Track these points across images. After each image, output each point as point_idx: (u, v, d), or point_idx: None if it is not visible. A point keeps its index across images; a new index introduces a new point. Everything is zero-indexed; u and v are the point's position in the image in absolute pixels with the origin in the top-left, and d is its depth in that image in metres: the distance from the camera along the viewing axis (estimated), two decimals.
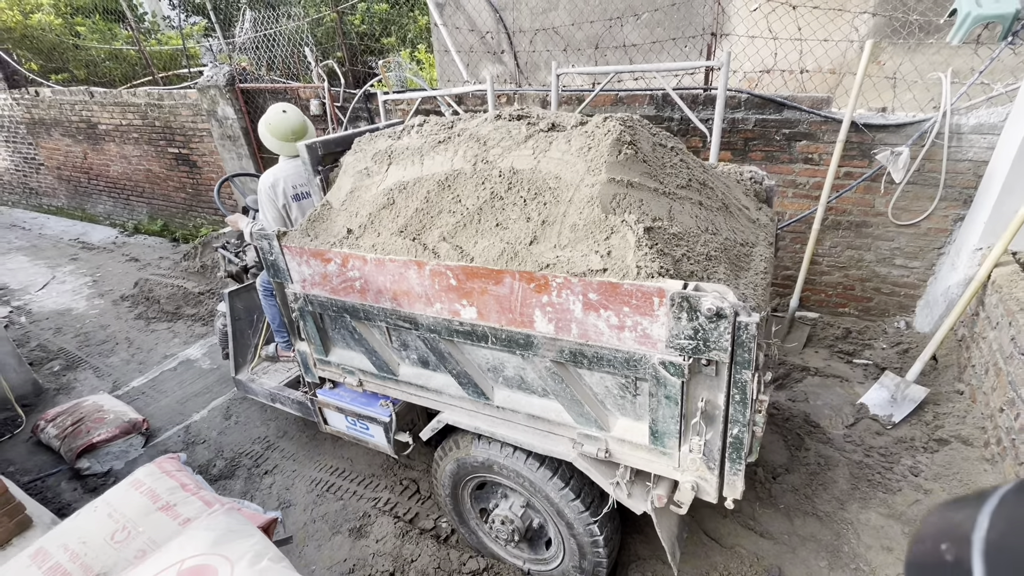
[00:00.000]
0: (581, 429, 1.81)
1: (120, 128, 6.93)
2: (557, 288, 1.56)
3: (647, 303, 1.44)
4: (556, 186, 1.77)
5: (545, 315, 1.64)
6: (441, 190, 1.96)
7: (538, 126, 1.98)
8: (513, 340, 1.74)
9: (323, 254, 2.05)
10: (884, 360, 3.53)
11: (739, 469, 1.59)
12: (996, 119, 3.12)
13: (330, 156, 2.53)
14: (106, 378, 4.40)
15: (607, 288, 1.47)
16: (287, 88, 5.29)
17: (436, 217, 1.93)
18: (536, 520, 2.25)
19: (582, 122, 1.97)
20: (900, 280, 3.80)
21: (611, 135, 1.78)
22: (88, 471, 3.35)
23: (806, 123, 3.54)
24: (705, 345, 1.41)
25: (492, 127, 2.05)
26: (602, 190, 1.67)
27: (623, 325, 1.51)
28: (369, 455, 3.26)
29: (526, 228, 1.73)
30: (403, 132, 2.32)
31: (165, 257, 6.78)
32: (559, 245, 1.66)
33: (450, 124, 2.24)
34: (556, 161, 1.83)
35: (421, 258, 1.80)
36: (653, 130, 2.10)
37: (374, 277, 1.95)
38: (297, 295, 2.26)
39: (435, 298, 1.84)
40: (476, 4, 6.00)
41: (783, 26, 3.83)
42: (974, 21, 2.95)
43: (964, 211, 3.40)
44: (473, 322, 1.80)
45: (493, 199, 1.84)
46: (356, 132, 2.65)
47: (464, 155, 2.00)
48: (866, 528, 2.41)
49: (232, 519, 1.33)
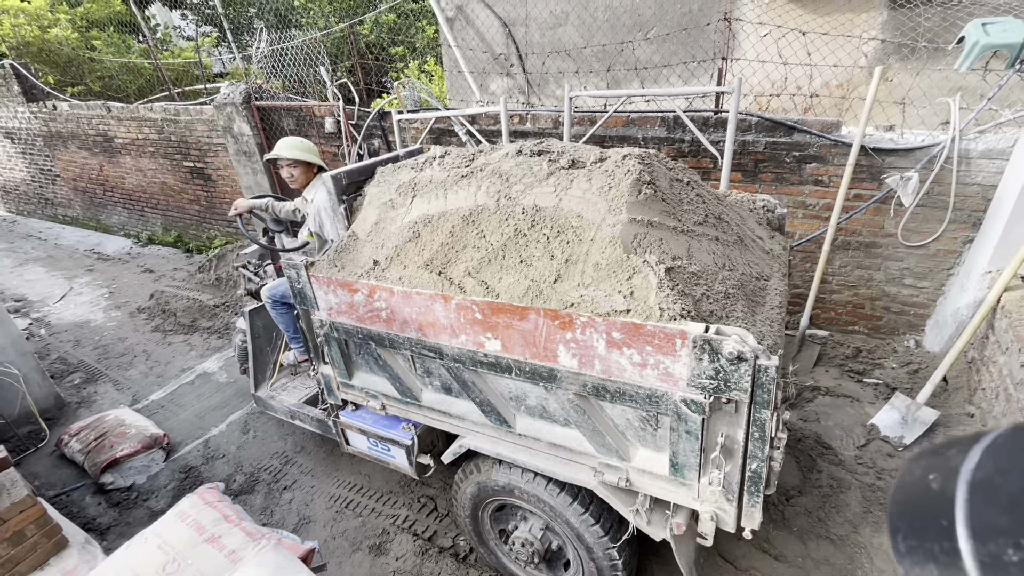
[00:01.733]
0: (602, 458, 1.87)
1: (136, 142, 7.06)
2: (581, 326, 1.62)
3: (670, 344, 1.50)
4: (578, 224, 1.83)
5: (569, 351, 1.70)
6: (465, 225, 2.03)
7: (559, 163, 2.04)
8: (537, 373, 1.80)
9: (350, 284, 2.12)
10: (894, 380, 3.57)
11: (757, 501, 1.64)
12: (1005, 144, 3.17)
13: (353, 185, 2.61)
14: (125, 391, 4.49)
15: (630, 328, 1.54)
16: (302, 106, 5.39)
17: (461, 252, 2.00)
18: (555, 542, 2.30)
19: (601, 158, 2.04)
20: (909, 299, 3.84)
21: (631, 175, 1.85)
22: (112, 486, 3.43)
23: (816, 146, 3.60)
24: (726, 385, 1.47)
25: (514, 163, 2.12)
26: (623, 230, 1.73)
27: (646, 363, 1.57)
28: (386, 472, 3.32)
29: (550, 266, 1.80)
30: (425, 164, 2.40)
31: (179, 268, 6.89)
32: (582, 284, 1.72)
33: (471, 157, 2.31)
34: (578, 199, 1.89)
35: (448, 292, 1.87)
36: (670, 164, 2.17)
37: (400, 308, 2.02)
38: (323, 322, 2.33)
39: (460, 330, 1.90)
40: (485, 19, 6.10)
41: (793, 51, 3.90)
42: (982, 49, 3.00)
43: (973, 233, 3.45)
44: (497, 354, 1.86)
45: (517, 236, 1.91)
46: (378, 161, 2.73)
47: (487, 190, 2.06)
48: (879, 552, 2.45)
49: (280, 556, 1.39)
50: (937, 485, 0.37)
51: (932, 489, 0.37)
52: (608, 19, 5.44)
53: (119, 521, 3.22)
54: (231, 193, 6.65)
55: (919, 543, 0.37)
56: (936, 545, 0.35)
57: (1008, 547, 0.31)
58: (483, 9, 6.09)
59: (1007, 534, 0.31)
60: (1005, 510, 0.32)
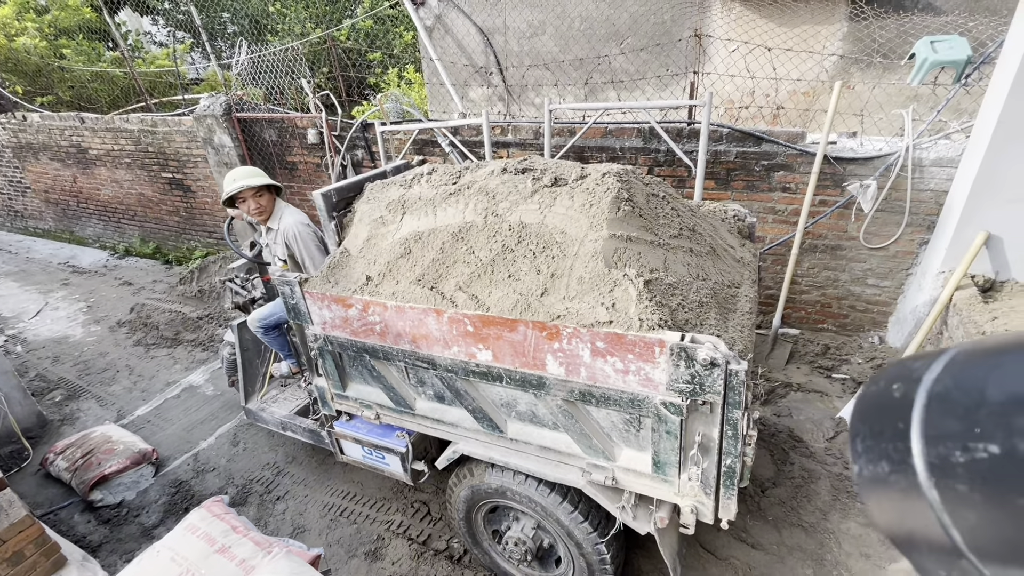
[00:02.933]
0: (589, 459, 1.99)
1: (112, 153, 6.96)
2: (568, 336, 1.74)
3: (649, 352, 1.63)
4: (562, 240, 1.96)
5: (556, 359, 1.81)
6: (455, 241, 2.13)
7: (542, 181, 2.16)
8: (526, 381, 1.91)
9: (344, 300, 2.20)
10: (860, 375, 3.79)
11: (732, 494, 1.78)
12: (954, 153, 3.41)
13: (343, 201, 2.69)
14: (110, 407, 4.45)
15: (613, 338, 1.66)
16: (284, 118, 5.41)
17: (452, 267, 2.10)
18: (546, 540, 2.42)
19: (582, 175, 2.16)
20: (873, 298, 4.08)
21: (610, 192, 1.98)
22: (101, 503, 3.42)
23: (783, 155, 3.80)
24: (701, 388, 1.61)
25: (499, 180, 2.23)
26: (604, 245, 1.86)
27: (628, 370, 1.70)
28: (379, 479, 3.39)
29: (537, 280, 1.91)
30: (413, 181, 2.49)
31: (159, 281, 6.81)
32: (567, 297, 1.84)
33: (458, 174, 2.41)
34: (561, 216, 2.01)
35: (440, 306, 1.96)
36: (646, 180, 2.31)
37: (394, 322, 2.10)
38: (318, 336, 2.40)
39: (453, 342, 2.00)
40: (464, 28, 6.21)
41: (759, 66, 4.10)
42: (931, 66, 3.23)
43: (928, 236, 3.69)
44: (489, 364, 1.96)
45: (505, 251, 2.02)
46: (367, 177, 2.81)
47: (475, 208, 2.17)
48: (846, 537, 2.64)
49: (293, 563, 1.48)
50: (899, 394, 0.38)
51: (894, 397, 0.39)
52: (584, 29, 5.60)
53: (110, 538, 3.22)
54: (211, 204, 6.61)
55: (875, 443, 0.39)
56: (891, 445, 0.37)
57: (956, 449, 0.33)
58: (461, 18, 6.19)
59: (957, 438, 0.33)
60: (958, 418, 0.33)
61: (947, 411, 0.34)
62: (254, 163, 5.80)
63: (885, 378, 0.42)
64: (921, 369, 0.38)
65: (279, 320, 3.25)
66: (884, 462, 0.38)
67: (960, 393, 0.34)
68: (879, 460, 0.39)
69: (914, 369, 0.39)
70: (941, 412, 0.35)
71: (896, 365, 0.42)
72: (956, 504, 0.33)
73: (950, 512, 0.33)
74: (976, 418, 0.32)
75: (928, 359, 0.38)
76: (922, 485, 0.35)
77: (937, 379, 0.36)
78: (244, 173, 3.01)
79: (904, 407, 0.37)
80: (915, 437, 0.35)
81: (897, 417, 0.38)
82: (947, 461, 0.33)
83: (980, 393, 0.33)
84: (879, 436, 0.39)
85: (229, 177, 3.00)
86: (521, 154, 4.56)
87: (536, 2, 5.72)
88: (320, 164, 5.54)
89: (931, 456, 0.34)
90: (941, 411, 0.35)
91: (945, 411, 0.34)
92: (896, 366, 0.42)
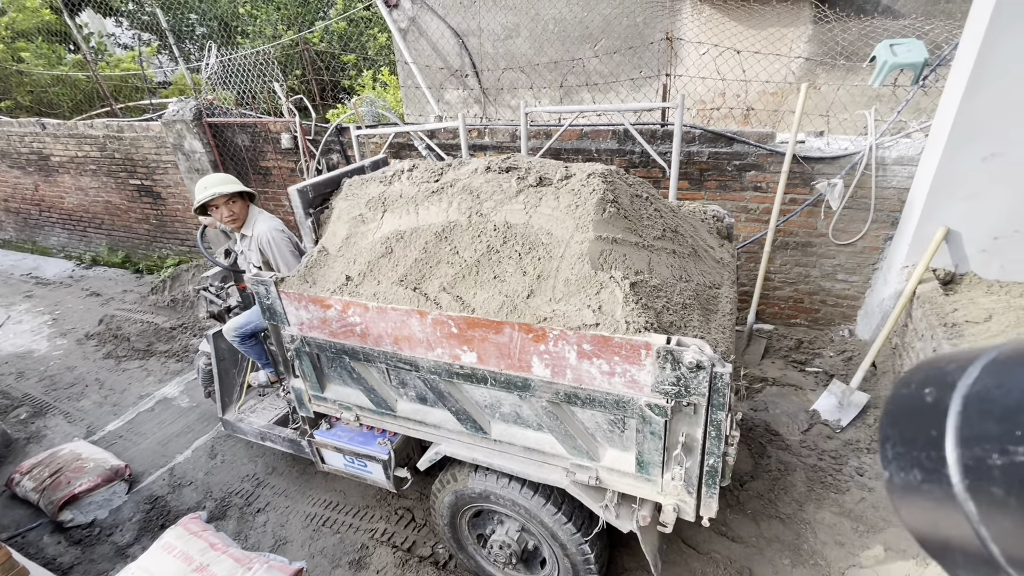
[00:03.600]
0: (574, 459, 2.00)
1: (76, 160, 6.73)
2: (554, 339, 1.74)
3: (635, 354, 1.65)
4: (548, 242, 1.95)
5: (542, 361, 1.81)
6: (439, 241, 2.11)
7: (527, 180, 2.13)
8: (511, 383, 1.91)
9: (323, 301, 2.14)
10: (832, 368, 3.91)
11: (714, 493, 1.81)
12: (914, 152, 3.54)
13: (319, 198, 2.61)
14: (79, 423, 4.31)
15: (600, 340, 1.67)
16: (257, 122, 5.32)
17: (435, 268, 2.08)
18: (531, 543, 2.43)
19: (567, 175, 2.15)
20: (842, 293, 4.21)
21: (596, 194, 1.97)
22: (71, 523, 3.31)
23: (754, 155, 3.89)
24: (686, 390, 1.63)
25: (483, 179, 2.20)
26: (590, 247, 1.86)
27: (614, 372, 1.71)
28: (362, 487, 3.35)
29: (523, 282, 1.91)
30: (394, 178, 2.43)
31: (130, 290, 6.61)
32: (554, 299, 1.85)
33: (440, 171, 2.37)
34: (547, 217, 2.01)
35: (423, 308, 1.93)
36: (630, 181, 2.31)
37: (375, 323, 2.06)
38: (294, 337, 2.34)
39: (436, 344, 1.98)
40: (438, 29, 6.19)
41: (729, 68, 4.19)
42: (890, 68, 3.35)
43: (892, 232, 3.82)
44: (473, 366, 1.95)
45: (490, 252, 2.00)
46: (344, 172, 2.72)
47: (459, 207, 2.14)
48: (821, 526, 2.71)
49: None
50: (932, 398, 0.36)
51: (927, 402, 0.37)
52: (558, 32, 5.65)
53: (82, 559, 3.12)
54: (183, 211, 6.45)
55: (907, 450, 0.38)
56: (923, 453, 0.36)
57: (994, 452, 0.31)
58: (435, 20, 6.18)
59: (995, 440, 0.31)
60: (997, 420, 0.32)
61: (985, 413, 0.33)
62: (226, 169, 5.68)
63: (916, 381, 0.40)
64: (956, 373, 0.36)
65: (256, 328, 3.19)
66: (916, 470, 0.36)
67: (1001, 394, 0.32)
68: (911, 468, 0.37)
69: (948, 373, 0.37)
70: (979, 414, 0.33)
71: (927, 367, 0.40)
72: (992, 510, 0.31)
73: (987, 522, 0.32)
74: (1018, 420, 0.31)
75: (962, 361, 0.36)
76: (958, 496, 0.33)
77: (975, 381, 0.34)
78: (216, 180, 2.94)
79: (938, 413, 0.35)
80: (950, 445, 0.34)
81: (930, 424, 0.36)
82: (983, 464, 0.32)
83: (1022, 395, 0.31)
84: (911, 443, 0.38)
85: (200, 184, 2.93)
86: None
87: (510, 5, 5.74)
88: (295, 169, 5.45)
89: (966, 458, 0.33)
90: (979, 412, 0.33)
91: (983, 413, 0.33)
92: (927, 368, 0.40)
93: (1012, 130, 2.96)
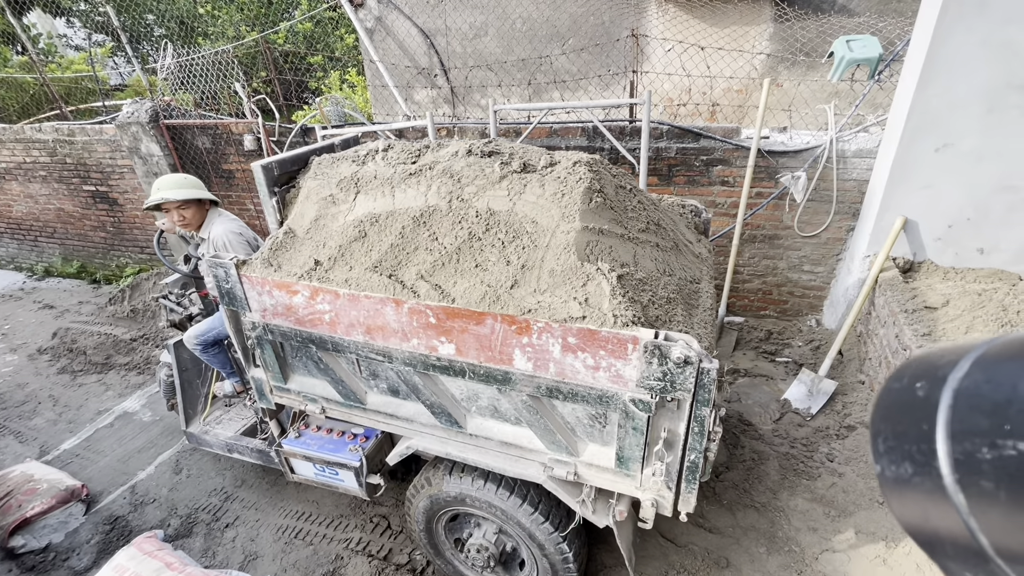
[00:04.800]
0: (552, 455, 1.94)
1: (24, 166, 6.39)
2: (538, 331, 1.66)
3: (622, 348, 1.59)
4: (533, 231, 1.87)
5: (525, 354, 1.73)
6: (416, 226, 1.99)
7: (511, 166, 2.03)
8: (491, 375, 1.82)
9: (289, 286, 2.00)
10: (801, 357, 3.99)
11: (693, 488, 1.79)
12: (872, 144, 3.65)
13: (285, 175, 2.43)
14: (31, 443, 4.08)
15: (586, 334, 1.60)
16: (218, 124, 5.14)
17: (412, 254, 1.95)
18: (509, 544, 2.39)
19: (551, 163, 2.08)
20: (808, 284, 4.31)
21: (583, 183, 1.91)
22: (23, 549, 3.12)
23: (720, 150, 3.95)
24: (672, 386, 1.59)
25: (464, 163, 2.09)
26: (577, 238, 1.80)
27: (599, 366, 1.65)
28: (335, 496, 3.26)
29: (506, 271, 1.82)
30: (367, 157, 2.30)
31: (86, 302, 6.31)
32: (539, 290, 1.76)
33: (418, 152, 2.25)
34: (532, 205, 1.93)
35: (400, 296, 1.82)
36: (614, 171, 2.25)
37: (346, 311, 1.94)
38: (256, 324, 2.18)
39: (412, 334, 1.86)
40: (405, 29, 6.12)
41: (695, 64, 4.25)
42: (847, 64, 3.45)
43: (853, 223, 3.93)
44: (451, 358, 1.85)
45: (471, 239, 1.90)
46: (312, 150, 2.57)
47: (438, 191, 2.02)
48: (795, 513, 2.76)
49: None
50: (923, 392, 0.37)
51: (918, 396, 0.37)
52: (526, 31, 5.64)
53: None
54: (142, 218, 6.19)
55: (898, 443, 0.38)
56: (914, 446, 0.36)
57: (984, 446, 0.32)
58: (402, 20, 6.10)
59: (985, 435, 0.32)
60: (986, 415, 0.32)
61: (975, 407, 0.33)
62: (187, 172, 5.48)
63: (908, 375, 0.40)
64: (946, 368, 0.36)
65: (218, 336, 3.07)
66: (907, 463, 0.37)
67: (990, 388, 0.33)
68: (902, 461, 0.38)
69: (939, 367, 0.37)
70: (969, 408, 0.33)
71: (918, 361, 0.41)
72: (982, 503, 0.32)
73: (976, 515, 0.32)
74: (1007, 414, 0.31)
75: (953, 355, 0.37)
76: (948, 489, 0.34)
77: (965, 375, 0.35)
78: (169, 183, 2.81)
79: (928, 407, 0.36)
80: (940, 439, 0.34)
81: (921, 418, 0.36)
82: (973, 458, 0.32)
83: (1012, 389, 0.32)
84: (902, 437, 0.38)
85: (155, 184, 2.80)
86: None
87: (477, 4, 5.71)
88: None
89: (956, 452, 0.33)
90: (969, 407, 0.33)
91: (973, 406, 0.33)
92: (918, 362, 0.40)
93: (961, 121, 3.08)
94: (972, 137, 3.09)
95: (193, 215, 2.84)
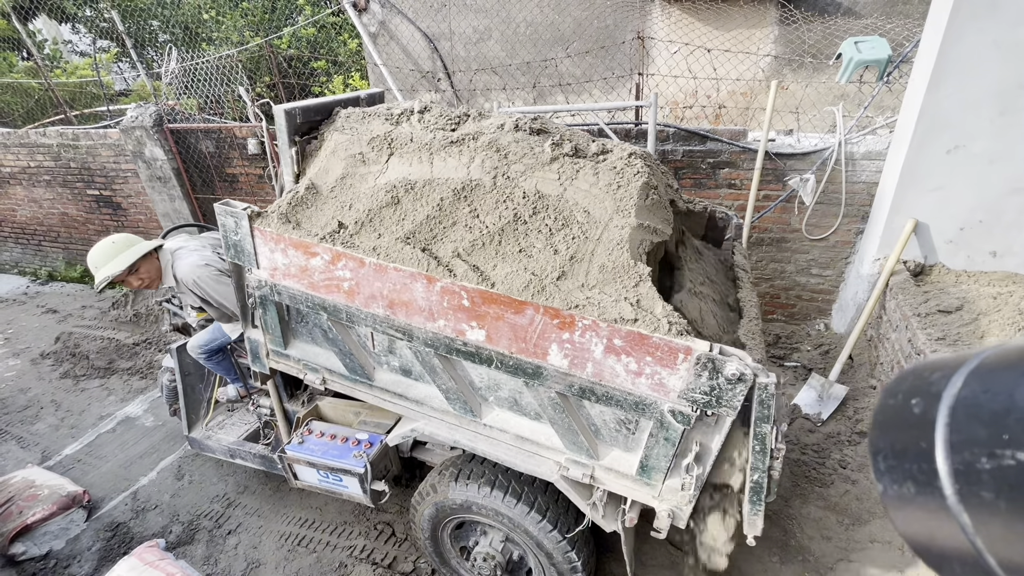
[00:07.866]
0: (570, 455, 1.86)
1: (28, 170, 6.40)
2: (583, 329, 1.56)
3: (672, 357, 1.49)
4: (584, 221, 1.77)
5: (562, 350, 1.63)
6: (456, 200, 1.86)
7: (563, 148, 1.91)
8: (520, 368, 1.72)
9: (308, 247, 1.85)
10: (810, 361, 3.94)
11: (759, 509, 1.69)
12: (881, 147, 3.61)
13: (307, 124, 2.28)
14: (32, 448, 4.05)
15: (635, 338, 1.50)
16: (222, 128, 5.14)
17: (450, 229, 1.84)
18: (516, 553, 2.35)
19: (603, 151, 1.99)
20: (817, 287, 4.26)
21: (640, 177, 1.83)
22: (24, 556, 3.08)
23: (727, 153, 3.92)
24: (717, 401, 1.48)
25: (511, 138, 1.95)
26: (631, 234, 1.71)
27: (641, 372, 1.56)
28: (339, 502, 3.22)
29: (553, 261, 1.71)
30: (402, 117, 2.17)
31: (89, 306, 6.29)
32: (587, 285, 1.67)
33: (458, 120, 2.12)
34: (584, 193, 1.82)
35: (434, 272, 1.70)
36: (662, 169, 2.18)
37: (369, 282, 1.81)
38: (263, 282, 2.05)
39: (440, 315, 1.75)
40: (409, 33, 6.12)
41: (700, 66, 4.23)
42: (856, 65, 3.42)
43: (863, 225, 3.89)
44: (479, 344, 1.74)
45: (516, 222, 1.79)
46: (336, 101, 2.40)
47: (482, 164, 1.89)
48: (808, 521, 2.70)
49: None
50: (919, 410, 0.37)
51: (914, 413, 0.37)
52: (530, 34, 5.63)
53: None
54: (146, 221, 6.18)
55: (898, 463, 0.38)
56: (915, 465, 0.36)
57: (983, 456, 0.31)
58: (406, 24, 6.10)
59: (983, 445, 0.32)
60: (984, 425, 0.32)
61: (973, 417, 0.33)
62: (191, 176, 5.48)
63: (903, 391, 0.40)
64: (940, 383, 0.36)
65: (222, 344, 3.04)
66: (910, 483, 0.37)
67: (987, 399, 0.33)
68: (904, 481, 0.37)
69: (932, 382, 0.37)
70: (967, 418, 0.33)
71: (912, 377, 0.40)
72: (983, 516, 0.32)
73: (980, 532, 0.32)
74: (1005, 424, 0.31)
75: (946, 370, 0.37)
76: (952, 509, 0.33)
77: (962, 387, 0.35)
78: (101, 257, 2.51)
79: (925, 425, 0.36)
80: (940, 458, 0.34)
81: (919, 436, 0.36)
82: (972, 468, 0.32)
83: (1009, 398, 0.31)
84: (902, 455, 0.38)
85: (90, 263, 2.52)
86: None
87: (481, 8, 5.71)
88: (263, 175, 5.28)
89: (956, 463, 0.33)
90: (967, 417, 0.33)
91: (971, 417, 0.33)
92: (912, 378, 0.40)
93: (973, 123, 3.04)
94: (984, 139, 3.05)
95: (148, 271, 2.60)
